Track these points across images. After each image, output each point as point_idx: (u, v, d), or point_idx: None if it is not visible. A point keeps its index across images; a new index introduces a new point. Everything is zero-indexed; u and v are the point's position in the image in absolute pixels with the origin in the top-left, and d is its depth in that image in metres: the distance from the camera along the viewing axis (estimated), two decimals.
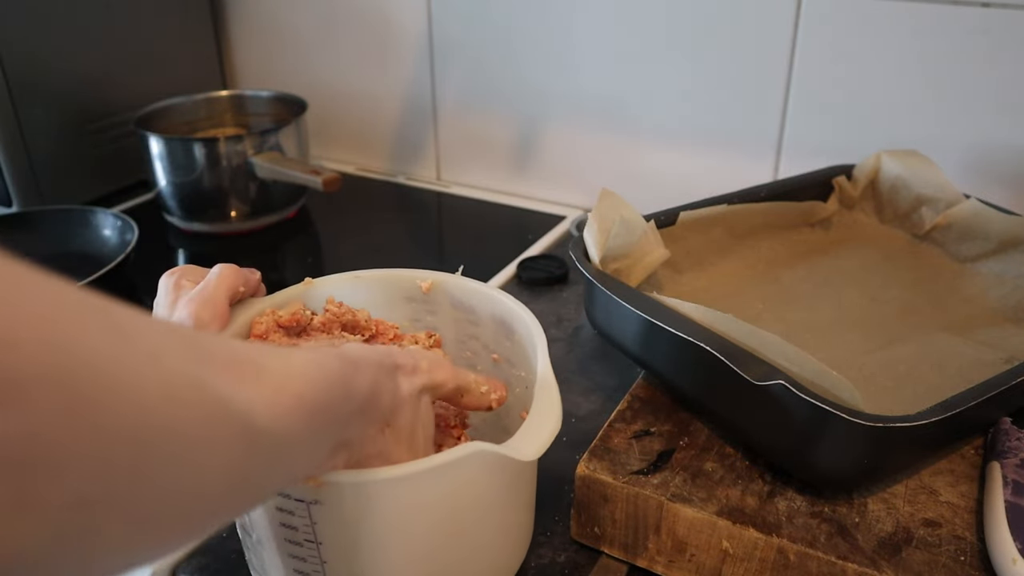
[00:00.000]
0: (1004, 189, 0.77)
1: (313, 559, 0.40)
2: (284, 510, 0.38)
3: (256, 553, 0.43)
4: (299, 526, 0.38)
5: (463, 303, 0.52)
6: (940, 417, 0.41)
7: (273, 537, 0.40)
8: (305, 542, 0.39)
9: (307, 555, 0.39)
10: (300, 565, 0.40)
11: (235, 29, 1.17)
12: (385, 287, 0.52)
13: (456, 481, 0.39)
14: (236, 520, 0.44)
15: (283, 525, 0.39)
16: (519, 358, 0.50)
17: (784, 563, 0.43)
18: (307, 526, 0.38)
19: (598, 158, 0.97)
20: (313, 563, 0.40)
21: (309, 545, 0.39)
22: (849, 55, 0.80)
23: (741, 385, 0.44)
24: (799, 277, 0.65)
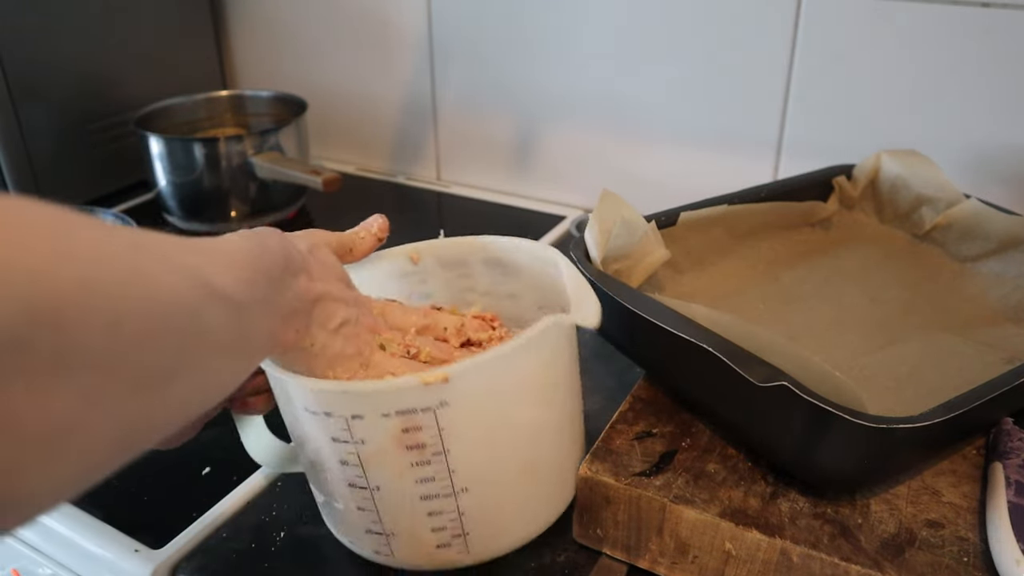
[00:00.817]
0: (1004, 189, 0.77)
1: (442, 473, 0.41)
2: (410, 429, 0.40)
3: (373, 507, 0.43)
4: (427, 441, 0.40)
5: (452, 261, 0.54)
6: (943, 418, 0.41)
7: (401, 470, 0.41)
8: (434, 457, 0.40)
9: (436, 473, 0.41)
10: (429, 488, 0.42)
11: (235, 29, 1.17)
12: (376, 270, 0.53)
13: (544, 352, 0.42)
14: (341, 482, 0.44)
15: (409, 448, 0.40)
16: (523, 291, 0.53)
17: (787, 565, 0.43)
18: (435, 437, 0.40)
19: (598, 158, 0.97)
20: (442, 479, 0.41)
21: (437, 459, 0.41)
22: (849, 55, 0.80)
23: (743, 386, 0.44)
24: (799, 277, 0.65)
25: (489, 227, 0.98)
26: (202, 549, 0.52)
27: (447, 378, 0.38)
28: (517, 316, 0.54)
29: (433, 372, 0.38)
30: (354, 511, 0.44)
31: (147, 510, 0.55)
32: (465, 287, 0.55)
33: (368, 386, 0.39)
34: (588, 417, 0.61)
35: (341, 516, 0.46)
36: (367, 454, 0.41)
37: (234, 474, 0.57)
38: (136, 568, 0.51)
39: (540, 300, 0.53)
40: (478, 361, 0.40)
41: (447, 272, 0.55)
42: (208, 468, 0.58)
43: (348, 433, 0.40)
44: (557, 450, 0.46)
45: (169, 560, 0.51)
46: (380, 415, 0.39)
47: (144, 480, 0.57)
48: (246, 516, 0.54)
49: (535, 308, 0.53)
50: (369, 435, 0.40)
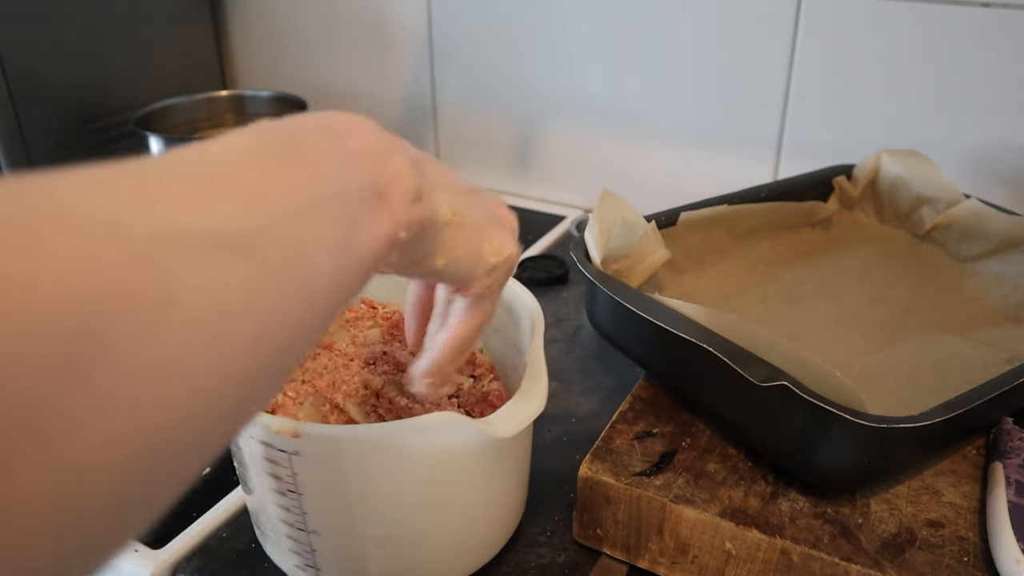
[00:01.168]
0: (1004, 189, 0.77)
1: (296, 508, 0.42)
2: (271, 460, 0.40)
3: (252, 503, 0.46)
4: (283, 476, 0.41)
5: None
6: (943, 418, 0.41)
7: (263, 486, 0.42)
8: (288, 492, 0.41)
9: (291, 505, 0.42)
10: (286, 515, 0.42)
11: (235, 29, 1.17)
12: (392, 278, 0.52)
13: (430, 447, 0.40)
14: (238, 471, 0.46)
15: (271, 475, 0.41)
16: (523, 340, 0.49)
17: (787, 564, 0.43)
18: (289, 476, 0.40)
19: (598, 158, 0.97)
20: (296, 512, 0.42)
21: (292, 495, 0.41)
22: (849, 55, 0.80)
23: (744, 386, 0.44)
24: (799, 277, 0.65)
25: None
26: (202, 549, 0.51)
27: (297, 434, 0.38)
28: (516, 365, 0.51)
29: (284, 423, 0.38)
30: (247, 499, 0.48)
31: None
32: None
33: None
34: (587, 416, 0.61)
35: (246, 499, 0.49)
36: (243, 459, 0.43)
37: (234, 474, 0.57)
38: (136, 568, 0.50)
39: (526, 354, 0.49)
40: (336, 432, 0.38)
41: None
42: (208, 468, 0.58)
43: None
44: (436, 542, 0.44)
45: (169, 560, 0.51)
46: (248, 434, 0.40)
47: None
48: (246, 516, 0.54)
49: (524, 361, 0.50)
50: (242, 445, 0.42)
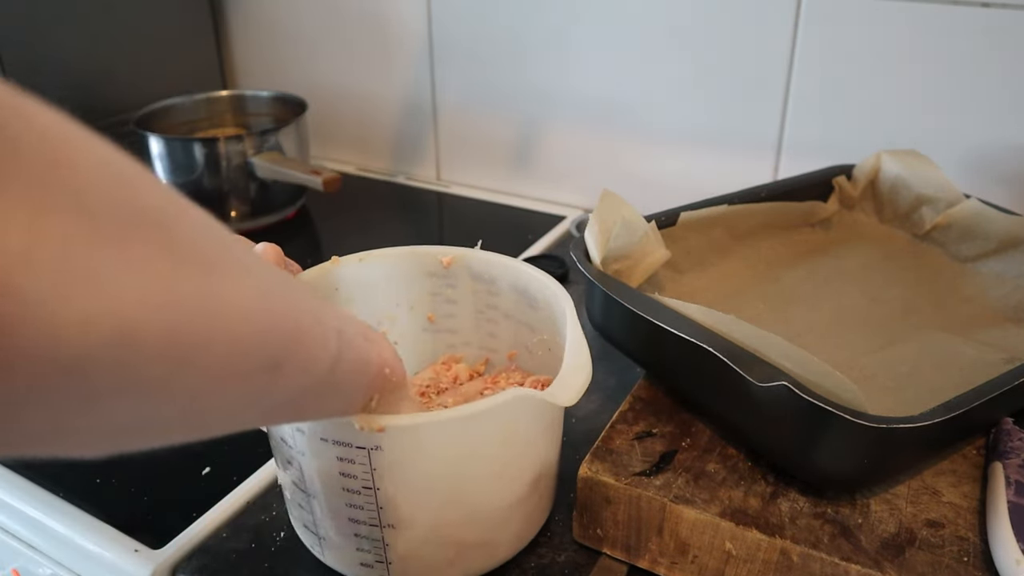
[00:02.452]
0: (1004, 189, 0.77)
1: (370, 506, 0.42)
2: (345, 459, 0.41)
3: (311, 508, 0.45)
4: (359, 474, 0.41)
5: (483, 275, 0.55)
6: (943, 418, 0.41)
7: (331, 489, 0.42)
8: (363, 489, 0.41)
9: (364, 503, 0.42)
10: (356, 514, 0.43)
11: (235, 29, 1.17)
12: (407, 262, 0.55)
13: (502, 424, 0.42)
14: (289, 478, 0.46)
15: (342, 475, 0.41)
16: (541, 323, 0.53)
17: (787, 564, 0.43)
18: (366, 473, 0.41)
19: (598, 158, 0.97)
20: (370, 510, 0.42)
21: (367, 492, 0.41)
22: (849, 55, 0.80)
23: (744, 386, 0.44)
24: (800, 277, 0.65)
25: (489, 227, 0.99)
26: (202, 549, 0.52)
27: (383, 428, 0.38)
28: (532, 347, 0.55)
29: (370, 419, 0.38)
30: (296, 506, 0.47)
31: (147, 510, 0.55)
32: (489, 304, 0.56)
33: None
34: (587, 416, 0.61)
35: (289, 504, 0.49)
36: (307, 465, 0.43)
37: (234, 474, 0.57)
38: (136, 568, 0.51)
39: (551, 342, 0.53)
40: (420, 420, 0.39)
41: (476, 283, 0.55)
42: (208, 468, 0.58)
43: (293, 441, 0.43)
44: (504, 515, 0.45)
45: (169, 560, 0.51)
46: (319, 438, 0.41)
47: (144, 480, 0.57)
48: (246, 516, 0.54)
49: (546, 348, 0.53)
50: (308, 450, 0.42)
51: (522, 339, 0.55)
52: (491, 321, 0.57)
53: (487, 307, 0.56)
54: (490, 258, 0.54)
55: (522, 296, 0.53)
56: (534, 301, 0.53)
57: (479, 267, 0.55)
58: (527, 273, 0.52)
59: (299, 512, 0.47)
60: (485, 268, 0.54)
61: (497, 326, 0.57)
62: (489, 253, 0.54)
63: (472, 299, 0.56)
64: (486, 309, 0.56)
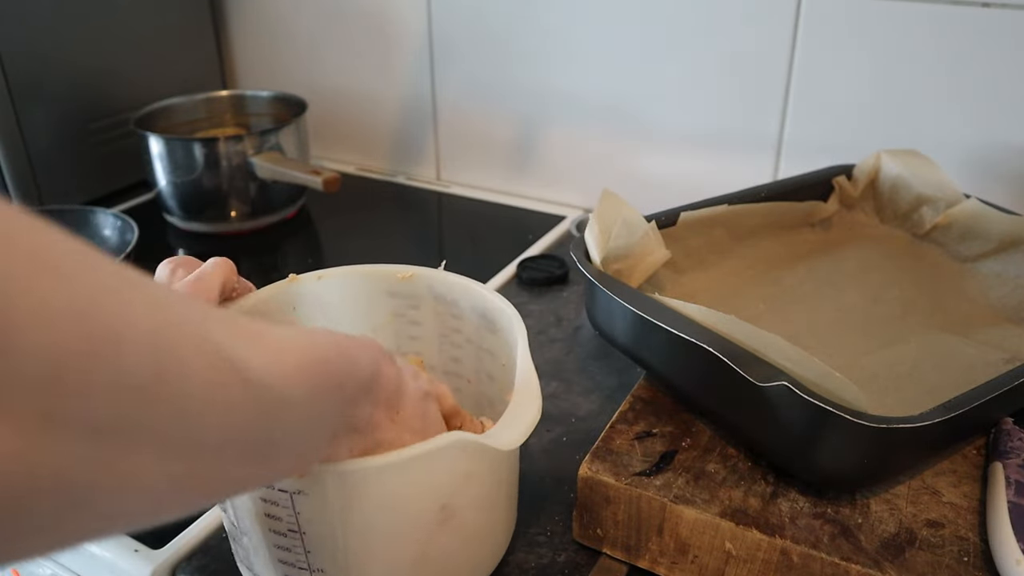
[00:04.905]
0: (1004, 189, 0.77)
1: (297, 549, 0.40)
2: (268, 500, 0.38)
3: (242, 544, 0.43)
4: (283, 516, 0.39)
5: (445, 297, 0.53)
6: (943, 418, 0.41)
7: (259, 528, 0.40)
8: (289, 532, 0.39)
9: (291, 545, 0.40)
10: (285, 556, 0.41)
11: (235, 29, 1.17)
12: (368, 281, 0.53)
13: (437, 469, 0.39)
14: (223, 513, 0.44)
15: (268, 516, 0.39)
16: (501, 349, 0.50)
17: (787, 564, 0.43)
18: (291, 516, 0.38)
19: (598, 158, 0.97)
20: (297, 553, 0.40)
21: (293, 535, 0.39)
22: (849, 55, 0.80)
23: (744, 386, 0.44)
24: (800, 277, 0.65)
25: (489, 227, 0.99)
26: (202, 549, 0.52)
27: (302, 473, 0.36)
28: (492, 374, 0.52)
29: None
30: (232, 539, 0.45)
31: None
32: (453, 327, 0.53)
33: None
34: (587, 416, 0.61)
35: (230, 537, 0.46)
36: (236, 502, 0.41)
37: None
38: (136, 568, 0.51)
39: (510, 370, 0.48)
40: (341, 468, 0.36)
41: (439, 305, 0.53)
42: None
43: None
44: (440, 563, 0.43)
45: (169, 560, 0.51)
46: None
47: None
48: None
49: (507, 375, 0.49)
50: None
51: (484, 365, 0.52)
52: (455, 346, 0.54)
53: (451, 331, 0.54)
54: (451, 279, 0.52)
55: (482, 320, 0.51)
56: (493, 325, 0.50)
57: (441, 288, 0.52)
58: (485, 297, 0.50)
59: (235, 546, 0.45)
60: (447, 290, 0.52)
61: (460, 351, 0.54)
62: (450, 274, 0.52)
63: (435, 322, 0.54)
64: (450, 333, 0.54)
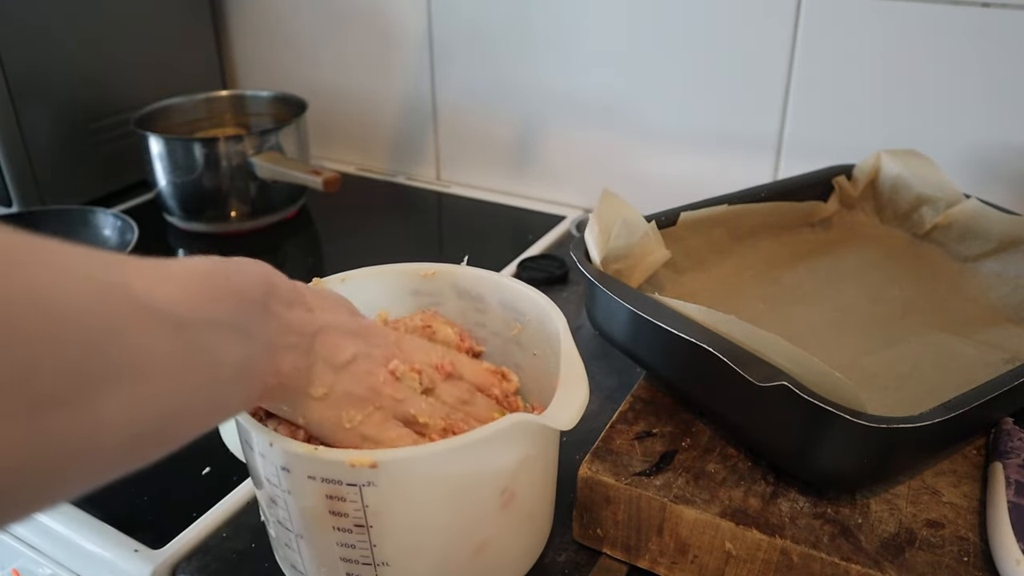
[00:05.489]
0: (1004, 189, 0.77)
1: (363, 544, 0.40)
2: (335, 497, 0.38)
3: (294, 548, 0.43)
4: (350, 512, 0.39)
5: (469, 291, 0.53)
6: (943, 418, 0.41)
7: (320, 528, 0.40)
8: (355, 528, 0.39)
9: (356, 541, 0.40)
10: (349, 553, 0.41)
11: (235, 29, 1.17)
12: (390, 281, 0.53)
13: (501, 451, 0.40)
14: (270, 517, 0.43)
15: (332, 513, 0.39)
16: (530, 339, 0.51)
17: (787, 564, 0.43)
18: (358, 510, 0.39)
19: (598, 158, 0.97)
20: (363, 549, 0.40)
21: (359, 531, 0.40)
22: (849, 55, 0.80)
23: (744, 386, 0.44)
24: (800, 277, 0.65)
25: (489, 227, 0.99)
26: (202, 549, 0.52)
27: (375, 464, 0.37)
28: (521, 365, 0.53)
29: (362, 455, 0.37)
30: (283, 545, 0.44)
31: (147, 510, 0.55)
32: (477, 322, 0.54)
33: (295, 447, 0.38)
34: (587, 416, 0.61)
35: (274, 543, 0.46)
36: (293, 504, 0.41)
37: (234, 474, 0.57)
38: (136, 568, 0.51)
39: (542, 359, 0.50)
40: (414, 453, 0.38)
41: (462, 301, 0.53)
42: (208, 468, 0.58)
43: (278, 479, 0.40)
44: (501, 545, 0.44)
45: (169, 560, 0.51)
46: (306, 476, 0.39)
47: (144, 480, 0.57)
48: (246, 516, 0.54)
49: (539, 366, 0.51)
50: (295, 489, 0.40)
51: (511, 358, 0.53)
52: (479, 340, 0.54)
53: (475, 325, 0.54)
54: (477, 274, 0.52)
55: (510, 311, 0.51)
56: (522, 316, 0.51)
57: (465, 284, 0.52)
58: (516, 290, 0.50)
59: (286, 552, 0.44)
60: (472, 285, 0.52)
61: (486, 344, 0.54)
62: (476, 269, 0.52)
63: (460, 317, 0.54)
64: (474, 328, 0.54)
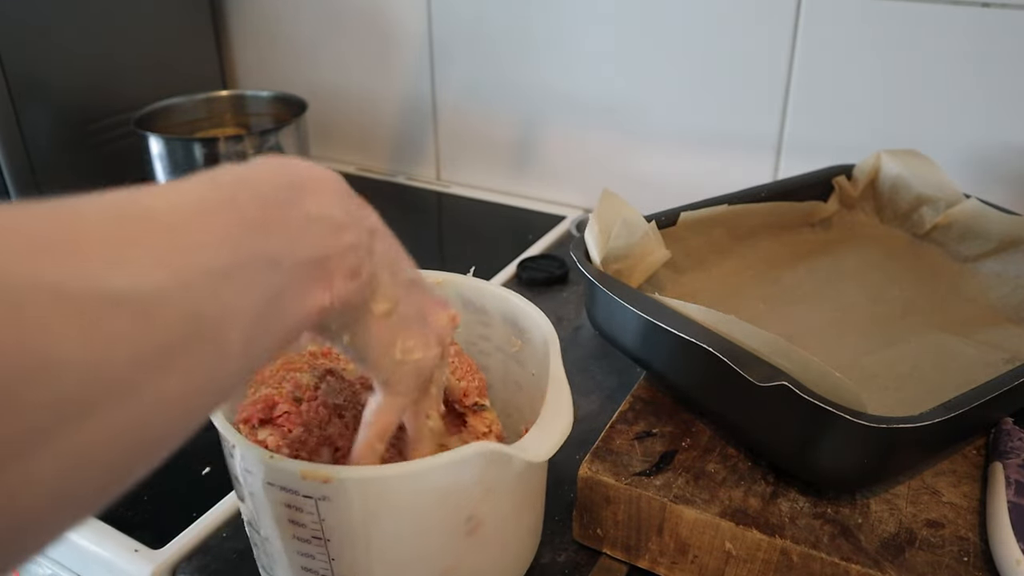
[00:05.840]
0: (1004, 189, 0.77)
1: (321, 557, 0.39)
2: (292, 506, 0.38)
3: (264, 550, 0.43)
4: (307, 523, 0.38)
5: (474, 303, 0.52)
6: (943, 418, 0.41)
7: (281, 534, 0.40)
8: (313, 539, 0.39)
9: (315, 552, 0.39)
10: (308, 563, 0.40)
11: (235, 29, 1.17)
12: None
13: (462, 479, 0.38)
14: (244, 515, 0.43)
15: (291, 522, 0.39)
16: (529, 358, 0.50)
17: (787, 564, 0.43)
18: (315, 523, 0.38)
19: (598, 158, 0.97)
20: (321, 560, 0.39)
21: (317, 542, 0.39)
22: (849, 55, 0.79)
23: (744, 386, 0.44)
24: (800, 277, 0.65)
25: (489, 227, 0.99)
26: (202, 549, 0.52)
27: (328, 479, 0.36)
28: (520, 384, 0.52)
29: (315, 469, 0.36)
30: (254, 544, 0.44)
31: (147, 510, 0.55)
32: (481, 335, 0.53)
33: (254, 452, 0.38)
34: (587, 416, 0.61)
35: (252, 543, 0.46)
36: (258, 506, 0.40)
37: None
38: (136, 568, 0.51)
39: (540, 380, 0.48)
40: (371, 473, 0.37)
41: (468, 313, 0.53)
42: (208, 468, 0.58)
43: (244, 480, 0.40)
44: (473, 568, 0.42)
45: (169, 560, 0.51)
46: (266, 481, 0.38)
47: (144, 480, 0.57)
48: None
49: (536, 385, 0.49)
50: (257, 492, 0.39)
51: (512, 375, 0.52)
52: (483, 353, 0.53)
53: (479, 338, 0.53)
54: (481, 286, 0.52)
55: (512, 327, 0.51)
56: (523, 335, 0.50)
57: (470, 295, 0.52)
58: (516, 305, 0.50)
59: (257, 552, 0.44)
60: (476, 296, 0.52)
61: (489, 359, 0.53)
62: (481, 281, 0.52)
63: (464, 328, 0.53)
64: (478, 340, 0.53)
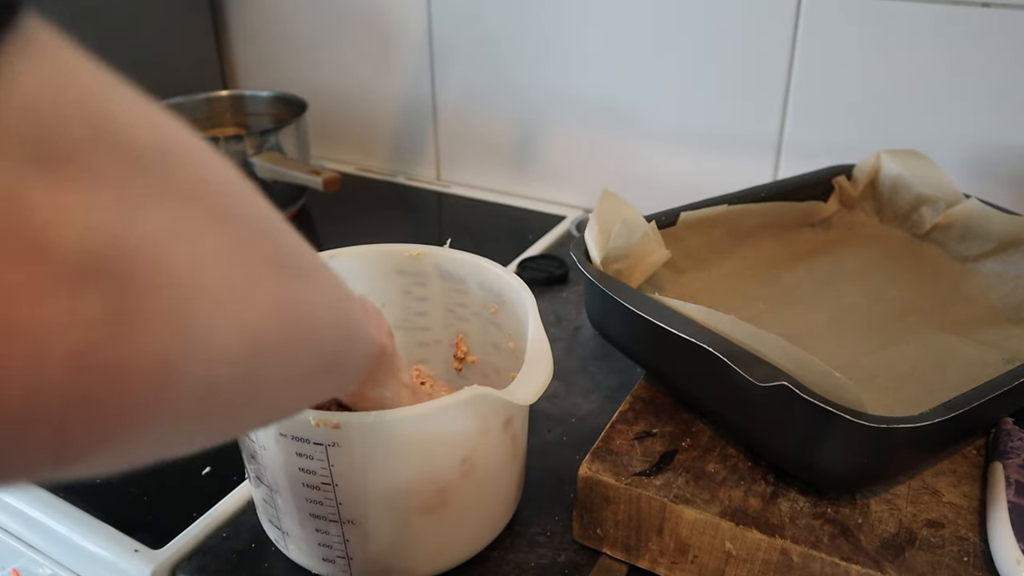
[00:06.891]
0: (1004, 189, 0.77)
1: (330, 502, 0.42)
2: (304, 455, 0.41)
3: (274, 504, 0.45)
4: (317, 470, 0.41)
5: (451, 273, 0.55)
6: (943, 418, 0.41)
7: (291, 485, 0.43)
8: (322, 485, 0.42)
9: (324, 498, 0.42)
10: (318, 509, 0.43)
11: (235, 29, 1.17)
12: (377, 260, 0.56)
13: (460, 422, 0.42)
14: (252, 472, 0.46)
15: (302, 470, 0.41)
16: (508, 322, 0.53)
17: (787, 564, 0.43)
18: (324, 469, 0.41)
19: (598, 158, 0.97)
20: (329, 506, 0.42)
21: (326, 488, 0.42)
22: (849, 55, 0.80)
23: (744, 386, 0.44)
24: (800, 277, 0.65)
25: (489, 227, 0.99)
26: (202, 549, 0.52)
27: (337, 425, 0.39)
28: (499, 345, 0.55)
29: (326, 416, 0.39)
30: (261, 501, 0.47)
31: (147, 510, 0.55)
32: (459, 303, 0.57)
33: None
34: (587, 416, 0.61)
35: (257, 502, 0.49)
36: (268, 459, 0.43)
37: (234, 474, 0.57)
38: (136, 568, 0.51)
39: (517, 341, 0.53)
40: (375, 418, 0.39)
41: (445, 282, 0.56)
42: (208, 468, 0.58)
43: (255, 435, 0.43)
44: (462, 510, 0.46)
45: (169, 560, 0.51)
46: (278, 433, 0.41)
47: (144, 480, 0.57)
48: (246, 516, 0.54)
49: (513, 347, 0.54)
50: (267, 444, 0.42)
51: (491, 337, 0.56)
52: (461, 319, 0.57)
53: (457, 305, 0.57)
54: (457, 256, 0.55)
55: (488, 294, 0.54)
56: (500, 299, 0.53)
57: (447, 265, 0.55)
58: (492, 272, 0.53)
59: (264, 507, 0.48)
60: (453, 267, 0.55)
61: (467, 324, 0.57)
62: (457, 251, 0.55)
63: (443, 297, 0.57)
64: (456, 307, 0.57)
